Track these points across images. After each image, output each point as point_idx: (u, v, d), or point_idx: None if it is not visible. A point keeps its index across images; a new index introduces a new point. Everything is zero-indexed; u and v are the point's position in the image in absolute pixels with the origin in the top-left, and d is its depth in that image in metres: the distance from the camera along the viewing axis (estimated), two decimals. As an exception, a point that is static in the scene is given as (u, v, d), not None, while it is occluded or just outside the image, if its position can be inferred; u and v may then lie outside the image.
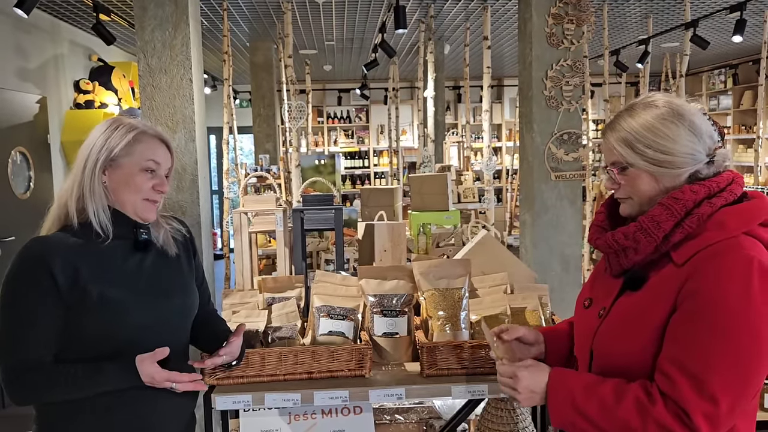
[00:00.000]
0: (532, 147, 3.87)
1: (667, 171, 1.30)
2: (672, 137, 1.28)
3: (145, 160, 1.54)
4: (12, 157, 4.92)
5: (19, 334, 1.43)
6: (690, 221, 1.26)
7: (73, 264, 1.45)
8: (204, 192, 3.52)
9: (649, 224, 1.29)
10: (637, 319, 1.30)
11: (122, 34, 6.48)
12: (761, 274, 1.19)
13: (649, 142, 1.29)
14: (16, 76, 5.14)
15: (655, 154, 1.29)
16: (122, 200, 1.54)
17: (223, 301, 2.09)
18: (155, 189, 1.56)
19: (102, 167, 1.52)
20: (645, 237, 1.29)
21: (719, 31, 7.32)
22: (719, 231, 1.24)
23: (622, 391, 1.26)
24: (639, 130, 1.30)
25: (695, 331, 1.20)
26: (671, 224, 1.27)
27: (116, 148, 1.52)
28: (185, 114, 3.39)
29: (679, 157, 1.29)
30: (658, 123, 1.29)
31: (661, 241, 1.28)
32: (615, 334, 1.34)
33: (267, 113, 7.80)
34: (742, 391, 1.19)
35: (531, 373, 1.41)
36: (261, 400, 1.75)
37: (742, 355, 1.18)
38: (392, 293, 2.02)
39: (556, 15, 3.75)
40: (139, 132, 1.55)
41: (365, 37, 7.26)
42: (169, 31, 3.35)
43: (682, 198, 1.27)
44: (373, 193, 4.03)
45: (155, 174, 1.57)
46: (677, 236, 1.27)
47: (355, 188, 10.73)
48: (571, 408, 1.31)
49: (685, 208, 1.27)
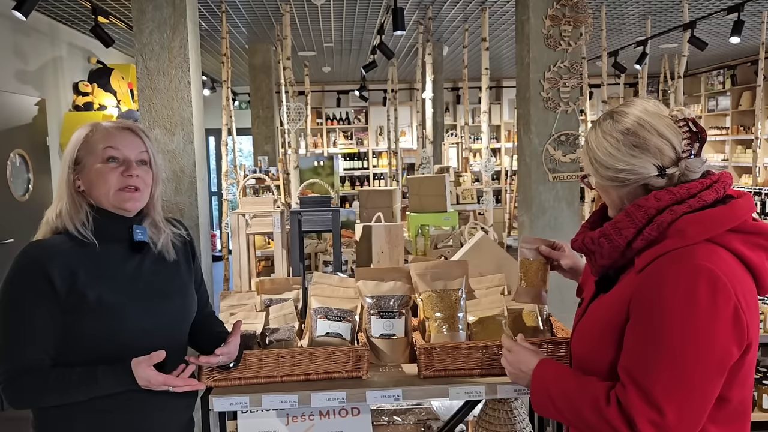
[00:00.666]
0: (530, 148, 3.88)
1: (612, 185, 1.35)
2: (613, 154, 1.31)
3: (101, 149, 1.51)
4: (11, 160, 4.93)
5: (16, 338, 1.43)
6: (650, 229, 1.27)
7: (71, 268, 1.45)
8: (202, 194, 3.53)
9: (611, 231, 1.32)
10: (601, 321, 1.35)
11: (121, 36, 6.49)
12: (710, 282, 1.17)
13: (597, 157, 1.35)
14: (15, 79, 5.15)
15: (602, 170, 1.34)
16: (97, 197, 1.52)
17: (221, 303, 2.09)
18: (124, 175, 1.51)
19: (72, 173, 1.51)
20: (608, 243, 1.33)
21: (717, 32, 7.34)
22: (678, 239, 1.24)
23: (586, 388, 1.32)
24: (591, 144, 1.37)
25: (640, 340, 1.23)
26: (632, 231, 1.29)
27: (76, 149, 1.52)
28: (183, 116, 3.39)
29: (618, 173, 1.32)
30: (603, 139, 1.33)
31: (625, 247, 1.31)
32: (585, 334, 1.41)
33: (266, 115, 7.81)
34: (687, 399, 1.19)
35: (525, 352, 1.54)
36: (258, 402, 1.75)
37: (683, 363, 1.18)
38: (389, 295, 2.03)
39: (553, 16, 3.76)
40: (92, 127, 1.55)
41: (364, 39, 7.27)
42: (167, 34, 3.36)
43: (644, 205, 1.28)
44: (371, 194, 4.03)
45: (120, 161, 1.52)
46: (639, 243, 1.28)
47: (354, 189, 10.74)
48: (544, 393, 1.41)
49: (646, 216, 1.28)
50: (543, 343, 1.86)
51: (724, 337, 1.18)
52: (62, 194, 1.52)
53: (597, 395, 1.28)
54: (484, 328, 1.99)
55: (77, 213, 1.50)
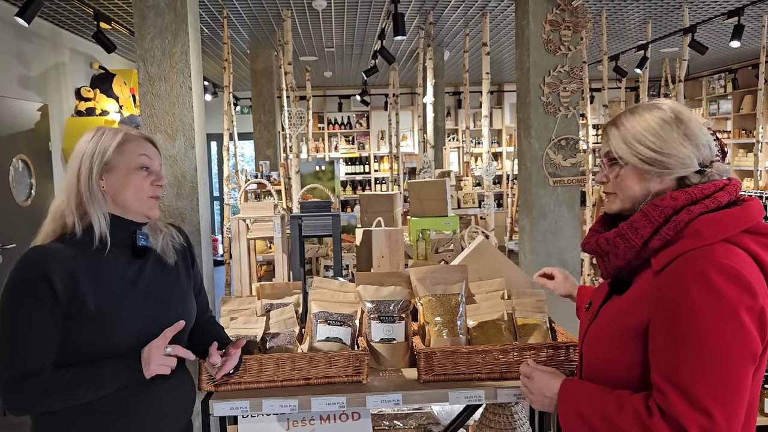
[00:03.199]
0: (530, 152, 3.89)
1: (654, 170, 1.31)
2: (664, 137, 1.30)
3: (137, 156, 1.57)
4: (13, 165, 4.94)
5: (17, 343, 1.43)
6: (667, 228, 1.26)
7: (72, 273, 1.45)
8: (203, 199, 3.53)
9: (627, 230, 1.30)
10: (616, 324, 1.32)
11: (123, 41, 6.51)
12: (734, 279, 1.17)
13: (642, 138, 1.31)
14: (17, 84, 5.17)
15: (645, 150, 1.31)
16: (125, 201, 1.55)
17: (221, 308, 2.10)
18: (154, 184, 1.59)
19: (98, 173, 1.53)
20: (623, 243, 1.31)
21: (718, 36, 7.35)
22: (695, 239, 1.24)
23: (623, 403, 1.26)
24: (635, 126, 1.33)
25: (671, 342, 1.20)
26: (649, 231, 1.28)
27: (108, 151, 1.54)
28: (185, 121, 3.40)
29: (667, 157, 1.30)
30: (654, 123, 1.31)
31: (641, 248, 1.29)
32: (599, 338, 1.37)
33: (267, 120, 7.83)
34: (733, 400, 1.17)
35: (545, 377, 1.49)
36: (259, 406, 1.75)
37: (723, 362, 1.16)
38: (389, 299, 2.03)
39: (553, 21, 3.77)
40: (124, 133, 1.59)
41: (365, 44, 7.29)
42: (168, 40, 3.37)
43: (661, 205, 1.28)
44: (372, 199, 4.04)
45: (150, 170, 1.59)
46: (655, 243, 1.27)
47: (355, 194, 10.75)
48: (577, 416, 1.34)
49: (663, 215, 1.27)
50: (544, 347, 1.86)
51: (753, 331, 1.17)
52: (80, 191, 1.52)
53: (636, 407, 1.23)
54: (484, 332, 1.99)
55: (100, 206, 1.52)
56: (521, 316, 2.06)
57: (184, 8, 3.37)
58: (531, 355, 1.86)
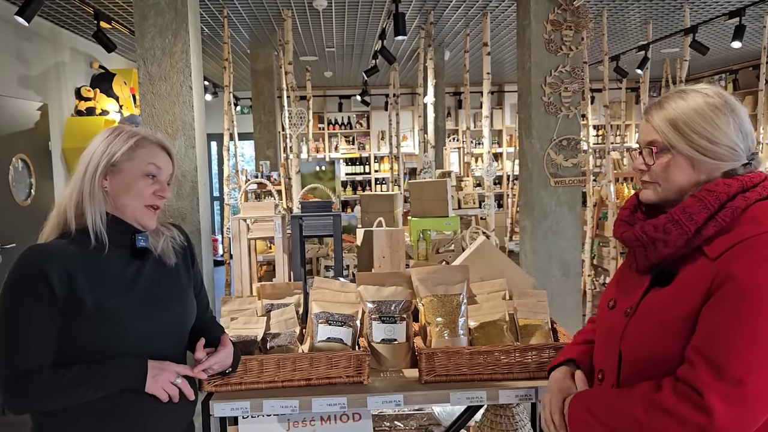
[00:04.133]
0: (531, 153, 3.88)
1: (707, 161, 1.26)
2: (721, 127, 1.25)
3: (146, 164, 1.55)
4: (13, 164, 4.93)
5: (16, 342, 1.43)
6: (724, 214, 1.22)
7: (70, 272, 1.45)
8: (204, 199, 3.53)
9: (681, 216, 1.24)
10: (666, 316, 1.24)
11: (123, 41, 6.50)
12: None
13: (697, 127, 1.25)
14: (17, 84, 5.16)
15: (701, 141, 1.25)
16: (123, 206, 1.54)
17: (222, 308, 2.09)
18: (156, 195, 1.57)
19: (103, 172, 1.52)
20: (676, 229, 1.24)
21: (719, 36, 7.34)
22: (753, 225, 1.20)
23: (630, 391, 1.23)
24: (689, 113, 1.26)
25: (721, 319, 1.15)
26: (704, 216, 1.23)
27: (117, 153, 1.53)
28: (185, 121, 3.40)
29: (722, 148, 1.25)
30: (710, 110, 1.25)
31: (693, 235, 1.23)
32: (643, 333, 1.28)
33: (267, 120, 7.82)
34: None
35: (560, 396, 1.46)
36: (259, 407, 1.75)
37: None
38: (390, 299, 2.02)
39: (554, 21, 3.77)
40: (140, 138, 1.57)
41: (365, 44, 7.28)
42: (168, 39, 3.36)
43: (715, 190, 1.23)
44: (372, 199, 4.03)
45: (156, 180, 1.57)
46: (710, 230, 1.22)
47: (356, 194, 10.74)
48: (585, 416, 1.31)
49: (718, 201, 1.23)
50: (546, 348, 1.85)
51: None
52: (82, 188, 1.52)
53: (643, 389, 1.21)
54: (486, 333, 1.99)
55: (98, 205, 1.52)
56: (523, 317, 2.05)
57: (184, 7, 3.36)
58: (533, 355, 1.85)
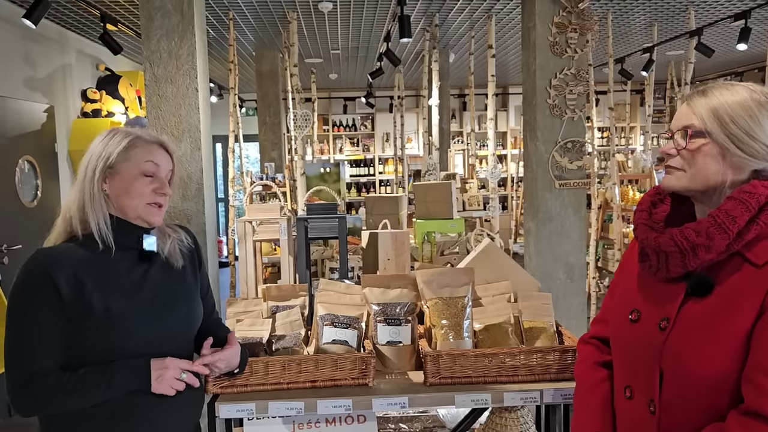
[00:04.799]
0: (536, 155, 3.88)
1: (739, 154, 1.21)
2: (762, 123, 1.21)
3: (142, 162, 1.55)
4: (20, 166, 4.95)
5: (24, 346, 1.44)
6: (764, 217, 1.18)
7: (78, 276, 1.45)
8: (209, 200, 3.54)
9: (724, 219, 1.19)
10: (715, 330, 1.17)
11: (129, 43, 6.53)
12: None
13: (738, 119, 1.22)
14: (24, 86, 5.19)
15: (738, 132, 1.21)
16: (124, 207, 1.55)
17: (227, 310, 2.09)
18: (156, 192, 1.56)
19: (101, 175, 1.53)
20: (719, 233, 1.19)
21: (724, 38, 7.32)
22: None
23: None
24: (733, 104, 1.23)
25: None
26: (746, 219, 1.18)
27: (113, 155, 1.53)
28: (191, 123, 3.41)
29: (759, 144, 1.21)
30: (754, 105, 1.22)
31: (733, 239, 1.19)
32: (690, 349, 1.19)
33: (273, 121, 7.83)
34: None
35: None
36: (265, 409, 1.75)
37: None
38: (396, 302, 2.03)
39: (559, 24, 3.77)
40: (134, 137, 1.57)
41: (370, 46, 7.29)
42: (175, 41, 3.38)
43: (755, 192, 1.19)
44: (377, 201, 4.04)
45: (155, 177, 1.57)
46: (751, 233, 1.18)
47: (360, 196, 10.74)
48: None
49: (758, 203, 1.19)
50: (551, 351, 1.85)
51: None
52: (84, 192, 1.53)
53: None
54: (491, 335, 1.99)
55: (100, 208, 1.52)
56: (528, 319, 2.05)
57: (190, 10, 3.37)
58: (538, 358, 1.85)
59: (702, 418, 1.17)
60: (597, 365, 1.47)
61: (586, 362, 1.50)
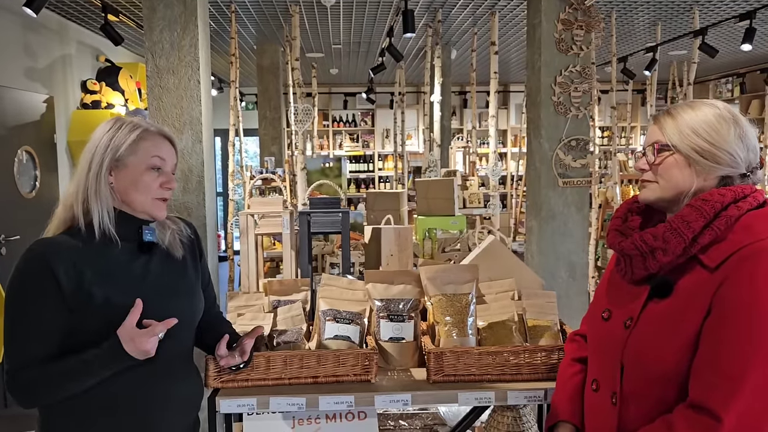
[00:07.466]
0: (540, 153, 3.86)
1: (705, 163, 1.31)
2: (721, 133, 1.30)
3: (150, 157, 1.53)
4: (18, 157, 4.92)
5: (23, 337, 1.42)
6: (719, 223, 1.26)
7: (78, 266, 1.43)
8: (210, 193, 3.51)
9: (679, 224, 1.28)
10: (670, 328, 1.27)
11: (130, 34, 6.49)
12: None
13: (699, 130, 1.31)
14: (23, 76, 5.15)
15: (700, 142, 1.30)
16: (131, 200, 1.53)
17: (228, 304, 2.07)
18: (163, 187, 1.55)
19: (108, 168, 1.50)
20: (674, 237, 1.28)
21: (728, 39, 7.30)
22: (747, 234, 1.25)
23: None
24: (695, 118, 1.32)
25: (730, 335, 1.19)
26: (701, 224, 1.27)
27: (121, 148, 1.51)
28: (192, 115, 3.38)
29: (720, 152, 1.30)
30: (714, 118, 1.32)
31: (689, 243, 1.28)
32: (647, 345, 1.30)
33: (273, 116, 7.81)
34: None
35: None
36: (266, 404, 1.73)
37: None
38: (399, 298, 2.00)
39: (565, 21, 3.74)
40: (142, 130, 1.54)
41: (372, 41, 7.26)
42: (177, 32, 3.35)
43: (710, 199, 1.28)
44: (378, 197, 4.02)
45: (162, 171, 1.55)
46: (706, 238, 1.27)
47: (359, 192, 10.73)
48: None
49: (713, 210, 1.27)
50: (555, 349, 1.83)
51: None
52: (87, 184, 1.50)
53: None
54: (494, 333, 1.97)
55: (105, 202, 1.50)
56: (532, 317, 2.03)
57: (193, 1, 3.34)
58: (542, 357, 1.83)
59: (654, 410, 1.28)
60: (574, 361, 1.59)
61: (566, 358, 1.64)
